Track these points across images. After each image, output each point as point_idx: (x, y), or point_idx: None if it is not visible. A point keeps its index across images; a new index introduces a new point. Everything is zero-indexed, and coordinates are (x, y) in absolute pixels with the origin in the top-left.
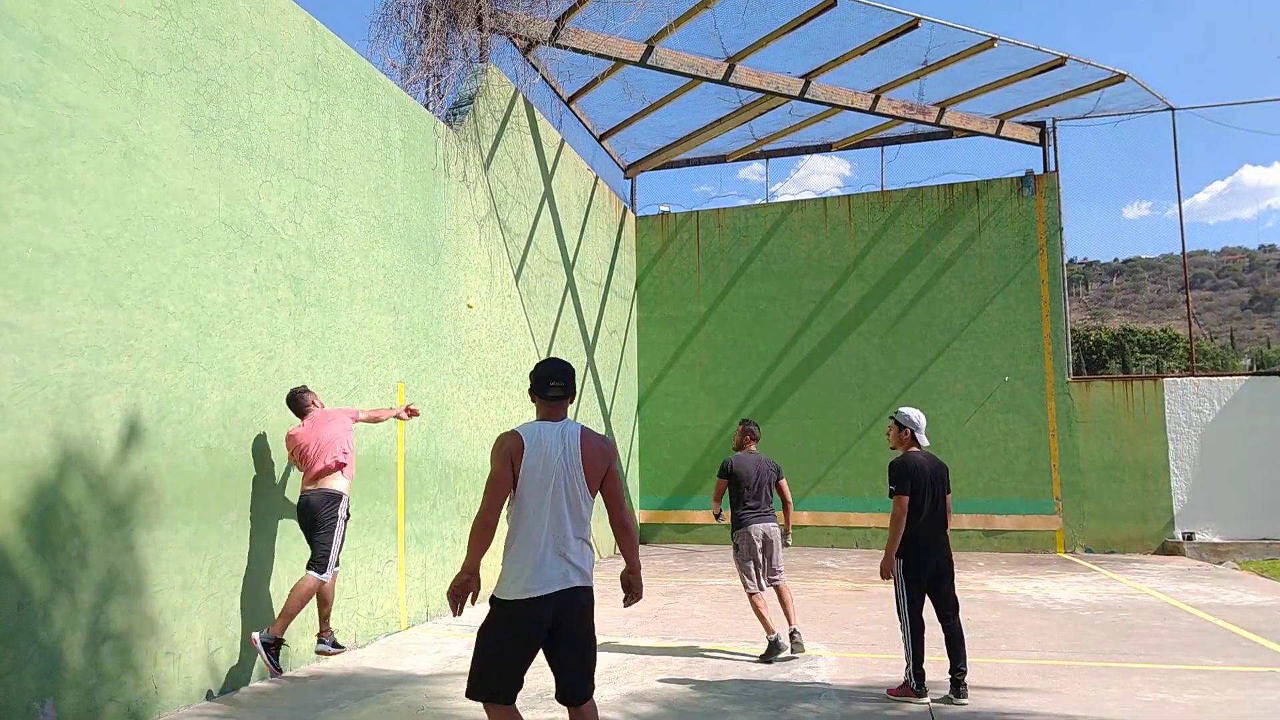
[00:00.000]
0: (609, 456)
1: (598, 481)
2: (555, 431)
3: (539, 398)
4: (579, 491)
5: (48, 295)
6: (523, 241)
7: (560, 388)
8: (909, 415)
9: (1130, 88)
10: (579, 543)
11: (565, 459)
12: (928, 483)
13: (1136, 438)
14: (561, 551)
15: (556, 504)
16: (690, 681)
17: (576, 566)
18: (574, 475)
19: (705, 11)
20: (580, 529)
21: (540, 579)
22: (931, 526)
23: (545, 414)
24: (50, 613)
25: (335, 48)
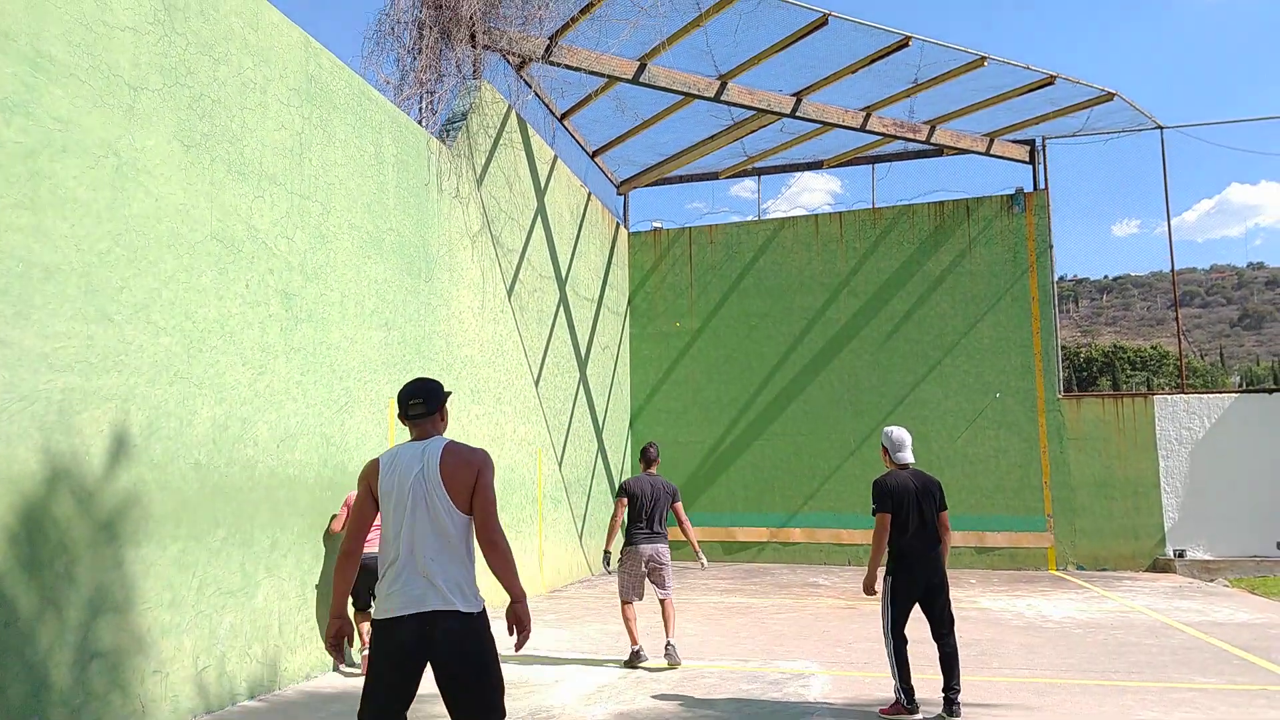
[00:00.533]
0: (473, 467)
1: (465, 495)
2: (415, 450)
3: (403, 419)
4: (441, 509)
5: (38, 310)
6: (515, 257)
7: (420, 404)
8: (889, 434)
9: (1119, 106)
10: (443, 563)
11: (423, 476)
12: (913, 500)
13: (1127, 455)
14: (422, 572)
15: (415, 523)
16: (682, 700)
17: (439, 588)
18: (433, 492)
19: (697, 30)
20: (443, 548)
21: (396, 599)
22: (920, 543)
23: (413, 434)
24: (37, 630)
25: (329, 64)
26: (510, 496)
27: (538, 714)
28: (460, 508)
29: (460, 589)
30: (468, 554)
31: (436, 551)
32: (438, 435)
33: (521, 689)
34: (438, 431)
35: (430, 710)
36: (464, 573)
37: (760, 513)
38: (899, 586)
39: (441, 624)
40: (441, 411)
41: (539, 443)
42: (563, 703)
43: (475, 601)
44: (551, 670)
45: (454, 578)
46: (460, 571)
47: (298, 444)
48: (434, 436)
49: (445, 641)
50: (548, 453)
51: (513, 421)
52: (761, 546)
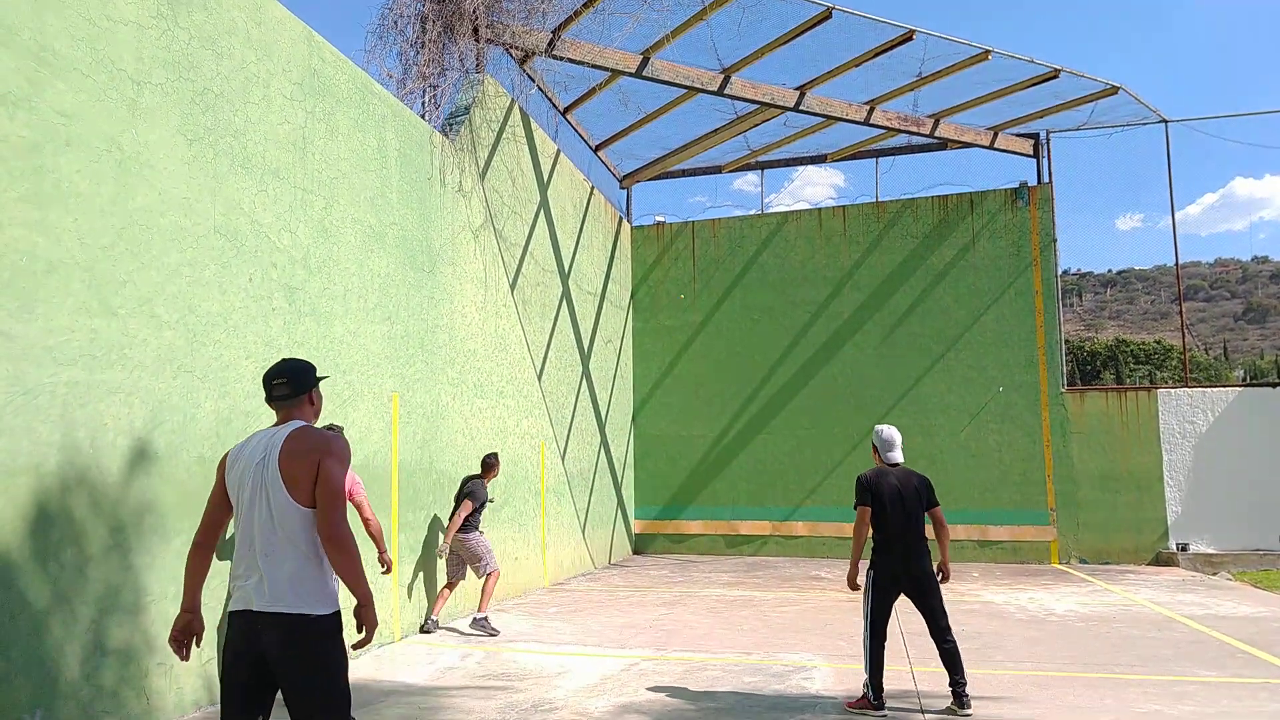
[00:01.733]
0: (314, 455)
1: (305, 485)
2: (264, 437)
3: (268, 402)
4: (277, 501)
5: (42, 304)
6: (518, 251)
7: (284, 385)
8: (880, 433)
9: (1124, 100)
10: (271, 560)
11: (262, 466)
12: (895, 496)
13: (1131, 448)
14: (256, 570)
15: (251, 516)
16: (684, 693)
17: (268, 587)
18: (271, 483)
19: (701, 23)
20: (272, 545)
21: (233, 595)
22: (904, 540)
23: (277, 419)
24: (43, 622)
25: (332, 58)
26: (514, 490)
27: (540, 706)
28: (300, 500)
29: (295, 588)
30: (310, 550)
31: (271, 548)
32: (297, 420)
33: (524, 681)
34: (303, 417)
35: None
36: (303, 570)
37: (763, 506)
38: (879, 581)
39: (268, 625)
40: (311, 395)
41: (542, 436)
42: (565, 695)
43: (315, 603)
44: (554, 662)
45: (287, 576)
46: (298, 569)
47: None
48: (291, 422)
49: (272, 644)
50: (551, 446)
51: (516, 415)
52: (764, 540)
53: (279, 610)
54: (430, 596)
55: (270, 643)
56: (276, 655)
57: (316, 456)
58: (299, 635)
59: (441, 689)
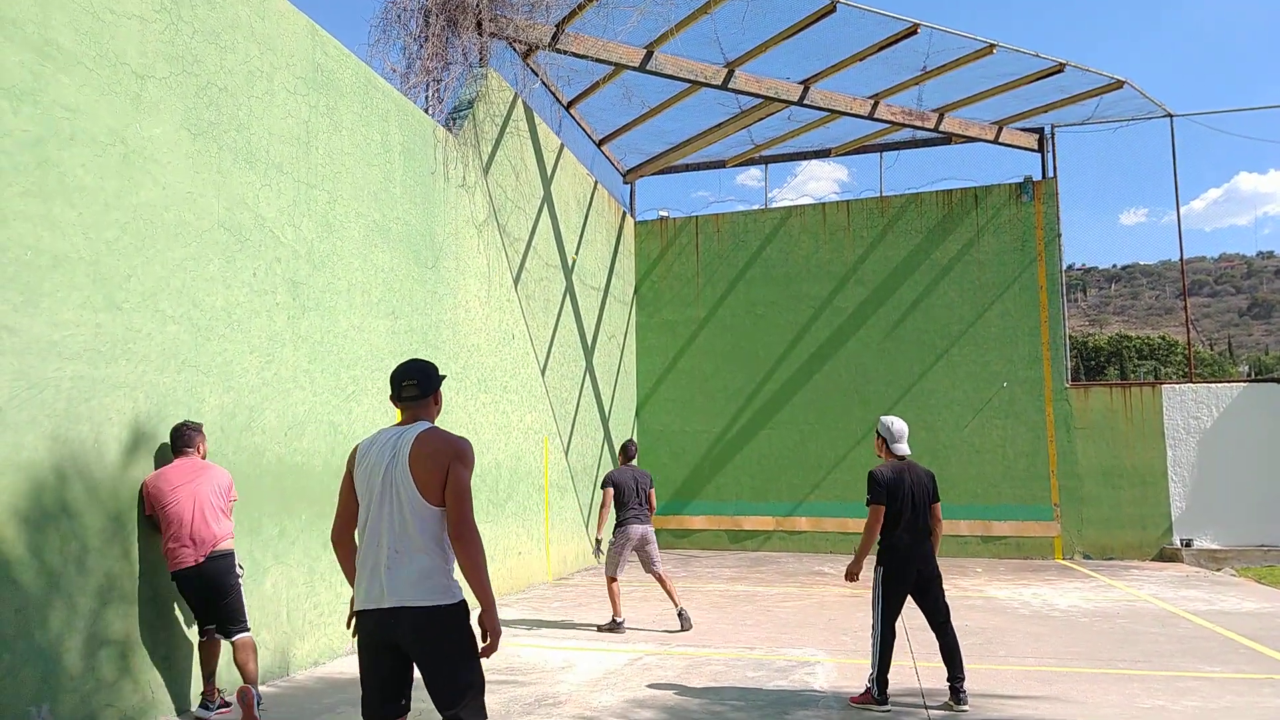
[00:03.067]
0: (443, 457)
1: (435, 488)
2: (392, 436)
3: (395, 401)
4: (406, 500)
5: (46, 298)
6: (522, 246)
7: (414, 386)
8: (885, 424)
9: (1129, 94)
10: (402, 556)
11: (393, 465)
12: (906, 492)
13: (1135, 444)
14: (385, 565)
15: (380, 515)
16: (689, 688)
17: (398, 583)
18: (401, 482)
19: (705, 17)
20: (403, 542)
21: (362, 594)
22: (911, 535)
23: (403, 417)
24: (47, 617)
25: (335, 52)
26: (517, 485)
27: (545, 701)
28: (430, 499)
29: (423, 582)
30: (438, 547)
31: (401, 544)
32: (424, 421)
33: (529, 675)
34: (428, 417)
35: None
36: (431, 565)
37: (766, 501)
38: (891, 578)
39: (402, 620)
40: (435, 396)
41: (545, 431)
42: (570, 689)
43: (443, 594)
44: (559, 656)
45: (416, 571)
46: (426, 563)
47: (305, 432)
48: (419, 422)
49: (407, 637)
50: (554, 441)
51: (519, 410)
52: (767, 535)
53: (411, 604)
54: None
55: (405, 635)
56: (413, 646)
57: (447, 460)
58: (432, 626)
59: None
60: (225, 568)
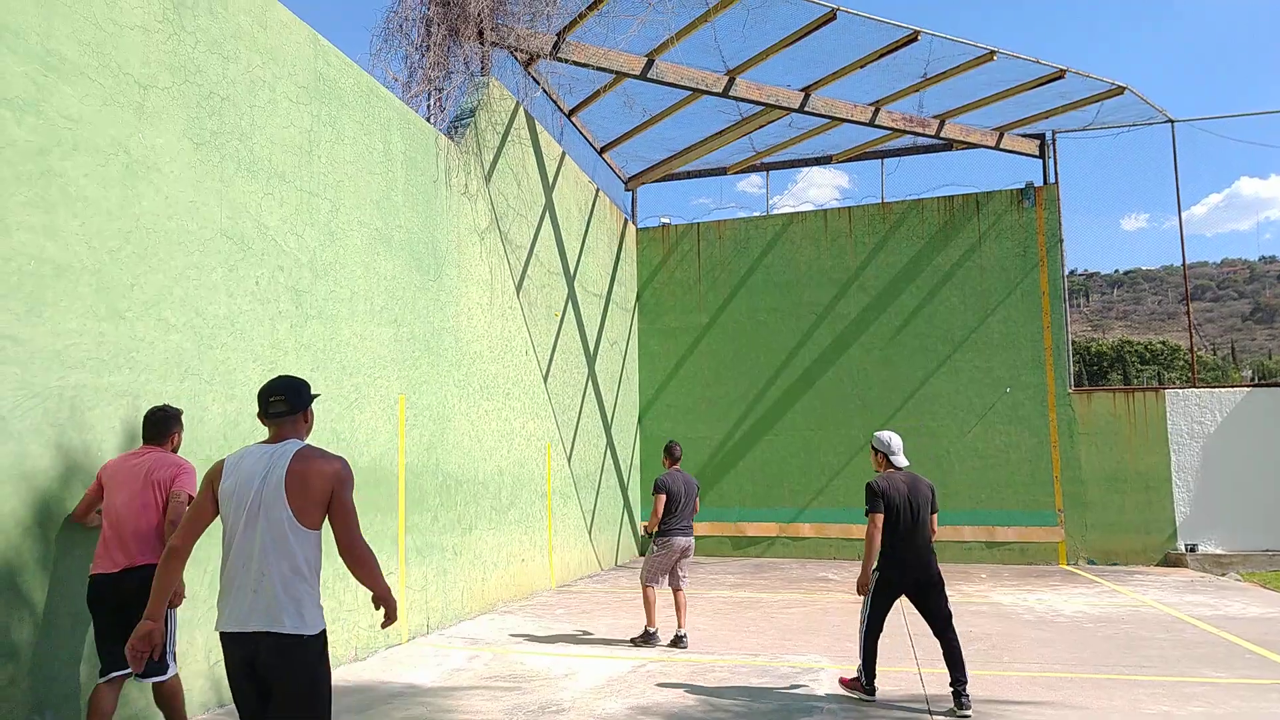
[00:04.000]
0: (326, 479)
1: (315, 509)
2: (264, 453)
3: (262, 418)
4: (281, 520)
5: (49, 308)
6: (524, 253)
7: (282, 401)
8: (881, 438)
9: (1129, 100)
10: (276, 580)
11: (263, 484)
12: (905, 502)
13: (1138, 449)
14: (251, 588)
15: (250, 535)
16: (693, 695)
17: (266, 607)
18: (273, 503)
19: (705, 25)
20: (277, 564)
21: (226, 615)
22: (911, 543)
23: (270, 435)
24: (51, 625)
25: (337, 61)
26: (520, 492)
27: (548, 708)
28: (305, 522)
29: (291, 608)
30: (309, 571)
31: (271, 567)
32: (294, 440)
33: (532, 683)
34: (297, 434)
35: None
36: (301, 591)
37: (769, 508)
38: (885, 582)
39: (265, 645)
40: (306, 414)
41: (548, 438)
42: (573, 696)
43: (309, 623)
44: (562, 664)
45: (287, 596)
46: (296, 589)
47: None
48: (289, 440)
49: (268, 664)
50: (557, 448)
51: (522, 417)
52: (771, 541)
53: (275, 630)
54: (433, 596)
55: (264, 659)
56: (272, 675)
57: (330, 483)
58: (292, 656)
59: (449, 690)
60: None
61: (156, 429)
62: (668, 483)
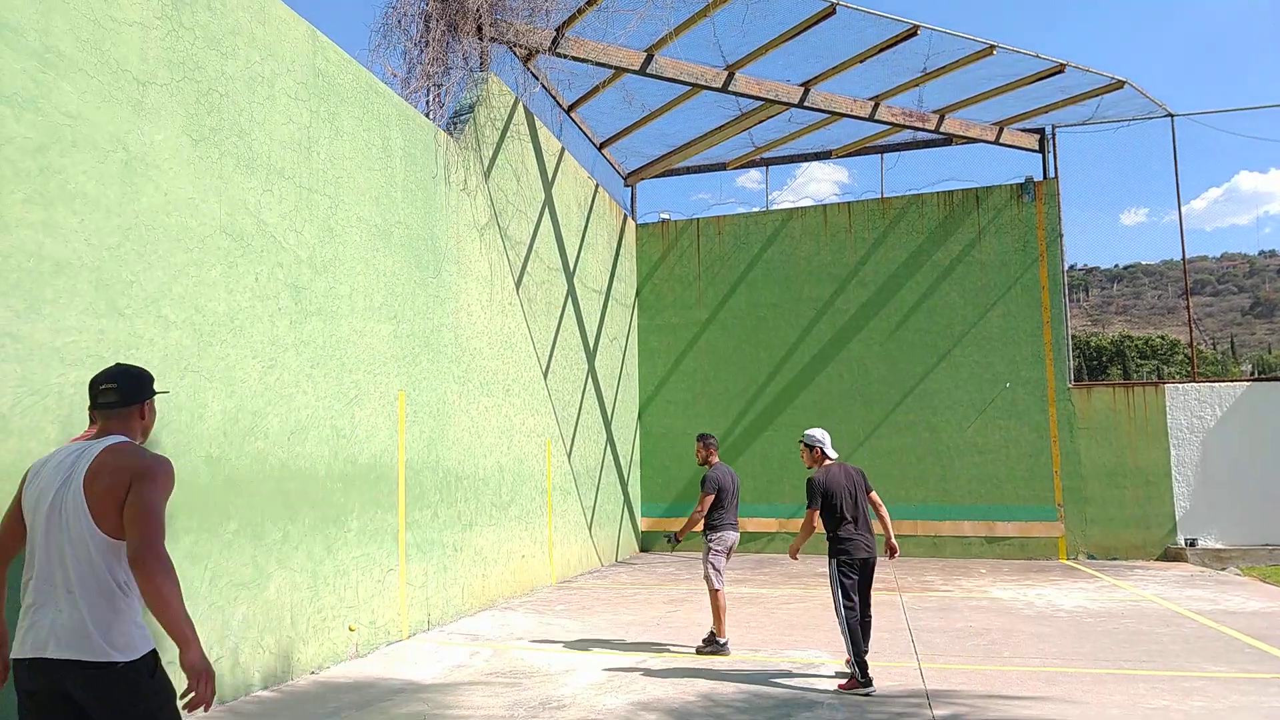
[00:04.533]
0: (123, 475)
1: (113, 510)
2: (72, 453)
3: (91, 410)
4: (82, 528)
5: (49, 304)
6: (523, 249)
7: (113, 391)
8: (813, 435)
9: (1129, 94)
10: (78, 599)
11: (64, 488)
12: (845, 491)
13: (1138, 444)
14: (52, 609)
15: (49, 548)
16: (693, 690)
17: (68, 631)
18: (73, 509)
19: (705, 20)
20: (81, 580)
21: (22, 638)
22: (855, 527)
23: (97, 430)
24: None
25: (336, 57)
26: (520, 488)
27: (549, 704)
28: (106, 530)
29: (99, 632)
30: (119, 588)
31: (73, 583)
32: (117, 435)
33: (533, 679)
34: (127, 431)
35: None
36: (109, 611)
37: (769, 503)
38: (844, 566)
39: (70, 677)
40: (143, 408)
41: (548, 434)
42: (574, 692)
43: (125, 648)
44: (562, 659)
45: (90, 617)
46: (103, 610)
47: (308, 436)
48: (109, 437)
49: (79, 692)
50: (557, 444)
51: (522, 414)
52: (771, 537)
53: (82, 658)
54: (433, 593)
55: (77, 690)
56: (91, 706)
57: (127, 479)
58: (107, 685)
59: (450, 686)
60: None
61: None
62: (719, 478)
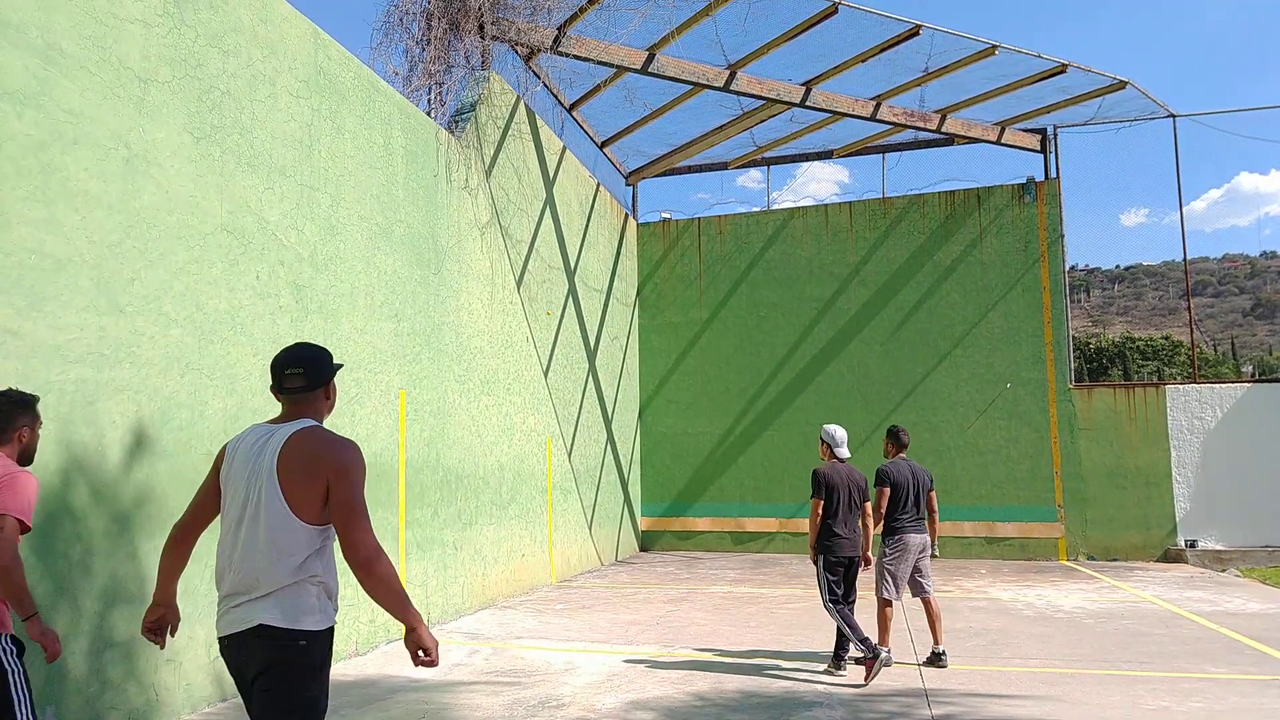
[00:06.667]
0: (321, 468)
1: (311, 502)
2: (262, 435)
3: (276, 393)
4: (275, 510)
5: (50, 302)
6: (524, 248)
7: (299, 375)
8: (829, 431)
9: (1131, 94)
10: (268, 576)
11: (257, 468)
12: (843, 489)
13: (1139, 445)
14: (246, 585)
15: (245, 525)
16: (692, 690)
17: (259, 603)
18: (267, 490)
19: (706, 19)
20: (272, 559)
21: (222, 618)
22: (848, 525)
23: (283, 413)
24: (53, 619)
25: (338, 55)
26: (520, 487)
27: (548, 703)
28: (301, 514)
29: (284, 603)
30: (312, 565)
31: (264, 562)
32: (306, 420)
33: (532, 678)
34: (315, 414)
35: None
36: (294, 588)
37: (770, 503)
38: (830, 564)
39: (255, 642)
40: (327, 389)
41: (548, 433)
42: (573, 691)
43: (305, 619)
44: (561, 658)
45: (277, 593)
46: (289, 587)
47: None
48: (298, 420)
49: (258, 662)
50: (557, 443)
51: (522, 412)
52: (771, 537)
53: (270, 624)
54: (434, 591)
55: (257, 661)
56: (262, 674)
57: (326, 471)
58: (283, 655)
59: (449, 685)
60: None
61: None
62: (892, 473)
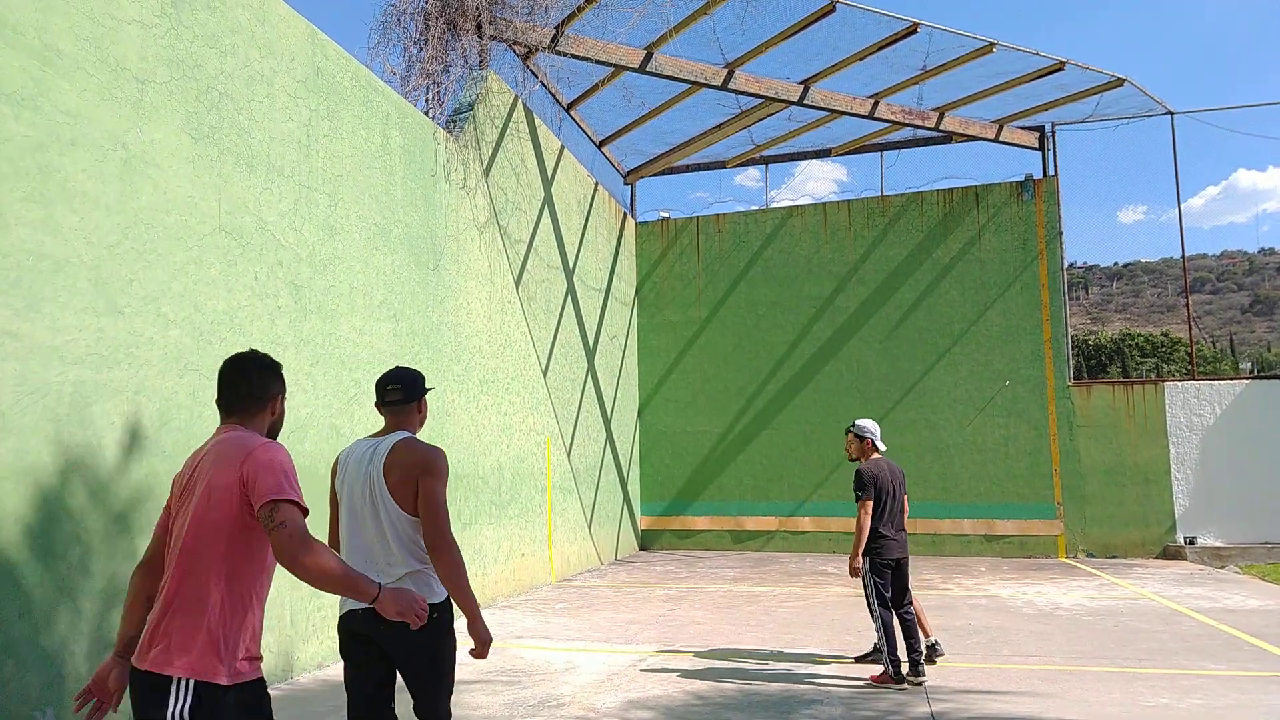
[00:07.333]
0: (413, 470)
1: (410, 498)
2: (368, 447)
3: (379, 407)
4: (388, 509)
5: (48, 303)
6: (523, 248)
7: (398, 391)
8: (865, 426)
9: (1129, 92)
10: (388, 562)
11: (368, 474)
12: (890, 486)
13: (1137, 442)
14: (371, 569)
15: (362, 525)
16: (691, 688)
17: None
18: (377, 491)
19: (704, 18)
20: (388, 550)
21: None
22: (894, 526)
23: (386, 425)
24: (52, 620)
25: (335, 55)
26: (520, 487)
27: (548, 702)
28: (408, 510)
29: (411, 582)
30: (421, 552)
31: (386, 552)
32: (403, 430)
33: (532, 677)
34: (409, 425)
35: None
36: (417, 570)
37: (769, 501)
38: (878, 566)
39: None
40: (420, 404)
41: (548, 432)
42: (573, 690)
43: (430, 594)
44: (561, 658)
45: (403, 576)
46: (412, 569)
47: (308, 435)
48: (398, 431)
49: (390, 636)
50: (556, 442)
51: (521, 412)
52: (770, 535)
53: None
54: None
55: (389, 635)
56: (396, 645)
57: (415, 473)
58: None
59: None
60: None
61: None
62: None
